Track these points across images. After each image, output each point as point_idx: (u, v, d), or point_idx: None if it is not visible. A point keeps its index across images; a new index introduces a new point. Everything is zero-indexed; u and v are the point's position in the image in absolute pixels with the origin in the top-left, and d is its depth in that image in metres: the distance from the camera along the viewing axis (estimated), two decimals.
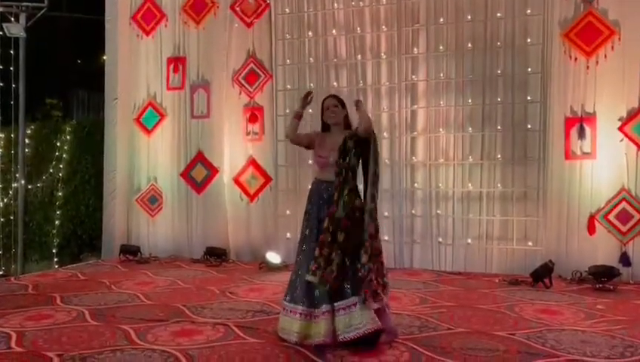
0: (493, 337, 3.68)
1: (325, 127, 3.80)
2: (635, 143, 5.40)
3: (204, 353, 3.40)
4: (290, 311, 3.58)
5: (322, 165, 3.72)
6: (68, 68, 13.36)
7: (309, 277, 3.42)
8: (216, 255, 6.58)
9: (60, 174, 8.26)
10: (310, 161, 6.36)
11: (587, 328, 3.90)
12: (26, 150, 7.98)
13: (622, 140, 5.43)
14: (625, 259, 5.38)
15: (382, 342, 3.45)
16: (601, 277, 5.14)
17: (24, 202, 7.87)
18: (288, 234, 6.46)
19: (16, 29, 7.38)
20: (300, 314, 3.51)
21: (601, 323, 4.03)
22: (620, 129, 5.44)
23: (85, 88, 11.57)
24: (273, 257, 6.24)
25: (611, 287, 5.06)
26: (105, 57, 7.46)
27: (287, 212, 6.57)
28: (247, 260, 6.67)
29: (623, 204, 5.43)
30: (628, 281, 5.31)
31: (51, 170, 8.29)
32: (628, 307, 4.49)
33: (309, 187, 3.83)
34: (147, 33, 7.20)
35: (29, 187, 8.22)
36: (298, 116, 3.83)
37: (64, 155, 8.28)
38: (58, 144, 8.31)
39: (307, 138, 3.88)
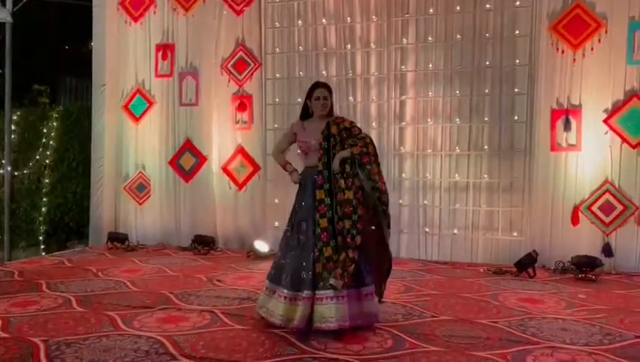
0: (476, 325, 3.75)
1: (306, 113, 3.83)
2: (620, 136, 5.47)
3: (190, 339, 3.43)
4: (277, 294, 3.60)
5: (306, 150, 3.76)
6: (55, 54, 13.23)
7: (333, 281, 3.39)
8: (204, 243, 6.59)
9: (47, 161, 8.21)
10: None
11: (568, 316, 3.97)
12: (13, 136, 7.91)
13: (607, 133, 5.50)
14: (607, 250, 5.48)
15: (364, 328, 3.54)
16: (584, 268, 5.22)
17: (10, 189, 7.81)
18: (276, 223, 6.48)
19: (2, 14, 7.27)
20: (285, 297, 3.54)
21: (581, 311, 4.12)
22: (605, 121, 5.51)
23: (73, 74, 11.47)
24: (261, 245, 6.26)
25: (593, 277, 5.15)
26: (92, 43, 7.39)
27: (276, 201, 6.59)
28: (235, 248, 6.69)
29: (607, 196, 5.51)
30: (610, 271, 5.41)
31: (38, 157, 8.23)
32: (609, 296, 4.58)
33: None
34: (135, 20, 7.13)
35: (16, 174, 8.16)
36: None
37: (51, 142, 8.22)
38: (45, 130, 8.25)
39: (288, 141, 3.95)
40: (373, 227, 3.61)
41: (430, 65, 6.14)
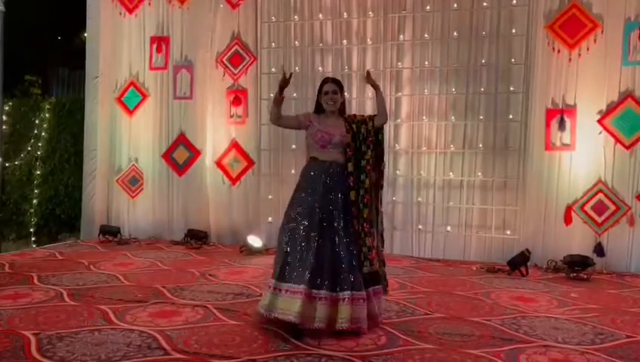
0: (469, 323, 3.75)
1: (319, 109, 3.75)
2: (613, 136, 5.49)
3: (183, 334, 3.41)
4: (289, 291, 3.41)
5: (325, 143, 3.60)
6: (48, 44, 13.09)
7: (366, 269, 3.48)
8: (197, 237, 6.57)
9: (39, 152, 8.13)
10: (294, 146, 6.37)
11: (560, 315, 3.99)
12: (4, 127, 7.81)
13: (600, 133, 5.53)
14: (599, 250, 5.51)
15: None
16: (576, 267, 5.25)
17: (1, 180, 7.73)
18: (270, 218, 6.47)
19: None
20: (301, 293, 3.36)
21: (573, 310, 4.14)
22: (600, 122, 5.53)
23: (66, 65, 11.35)
24: (254, 241, 6.25)
25: (585, 277, 5.18)
26: (86, 34, 7.32)
27: (269, 196, 6.57)
28: (228, 243, 6.67)
29: (600, 196, 5.54)
30: (602, 271, 5.44)
31: (29, 148, 8.15)
32: (600, 296, 4.61)
33: (302, 170, 3.73)
34: (130, 11, 7.07)
35: (7, 165, 8.08)
36: (278, 102, 3.75)
37: (43, 133, 8.14)
38: (37, 122, 8.17)
39: (296, 120, 3.85)
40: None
41: (426, 63, 6.14)
